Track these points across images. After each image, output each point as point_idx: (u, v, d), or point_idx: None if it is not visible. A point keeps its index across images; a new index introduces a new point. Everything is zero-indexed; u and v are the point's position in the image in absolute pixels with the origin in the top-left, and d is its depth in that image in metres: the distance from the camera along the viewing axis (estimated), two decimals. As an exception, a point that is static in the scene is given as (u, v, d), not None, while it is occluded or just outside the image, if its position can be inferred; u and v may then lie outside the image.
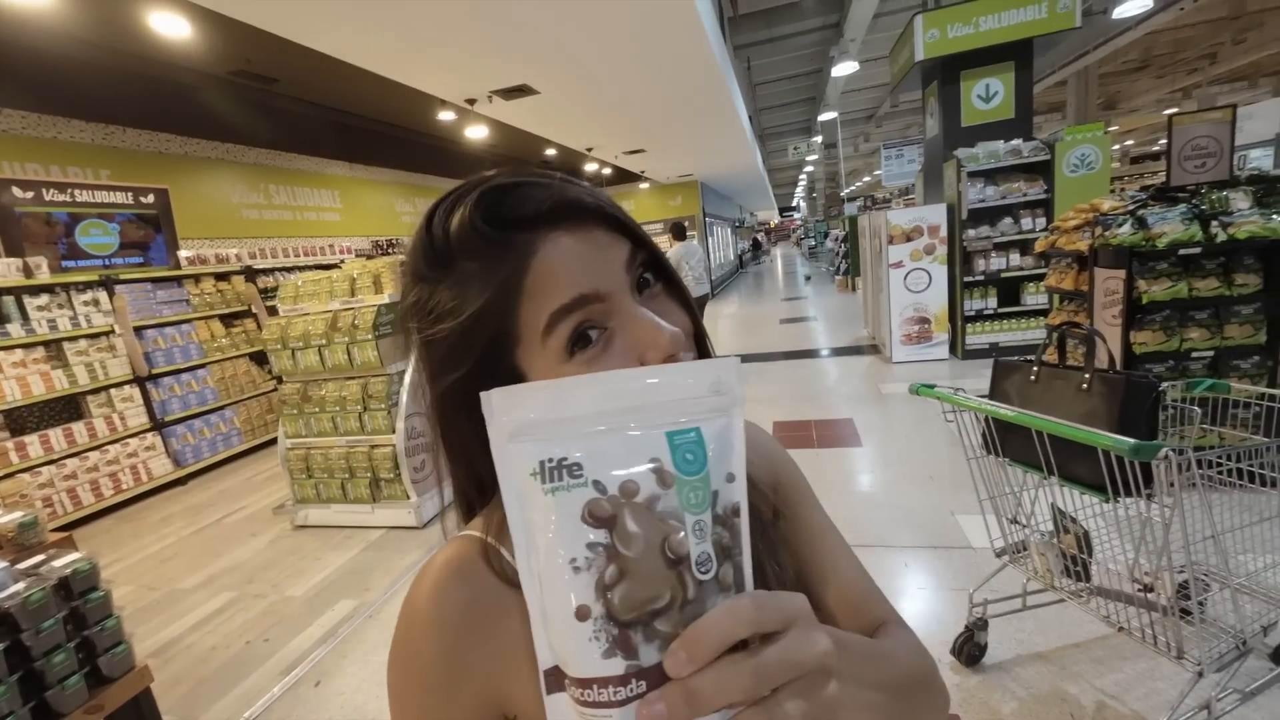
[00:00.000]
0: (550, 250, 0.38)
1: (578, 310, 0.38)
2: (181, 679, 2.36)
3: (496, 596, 0.41)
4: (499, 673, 0.40)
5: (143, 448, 4.67)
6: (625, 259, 0.40)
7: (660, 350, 0.38)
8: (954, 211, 5.27)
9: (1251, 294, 2.48)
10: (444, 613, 0.41)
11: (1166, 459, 1.12)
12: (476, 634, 0.40)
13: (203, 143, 6.06)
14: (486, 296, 0.38)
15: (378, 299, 3.42)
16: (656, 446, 0.27)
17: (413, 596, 0.42)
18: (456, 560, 0.42)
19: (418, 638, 0.41)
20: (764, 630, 0.26)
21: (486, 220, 0.38)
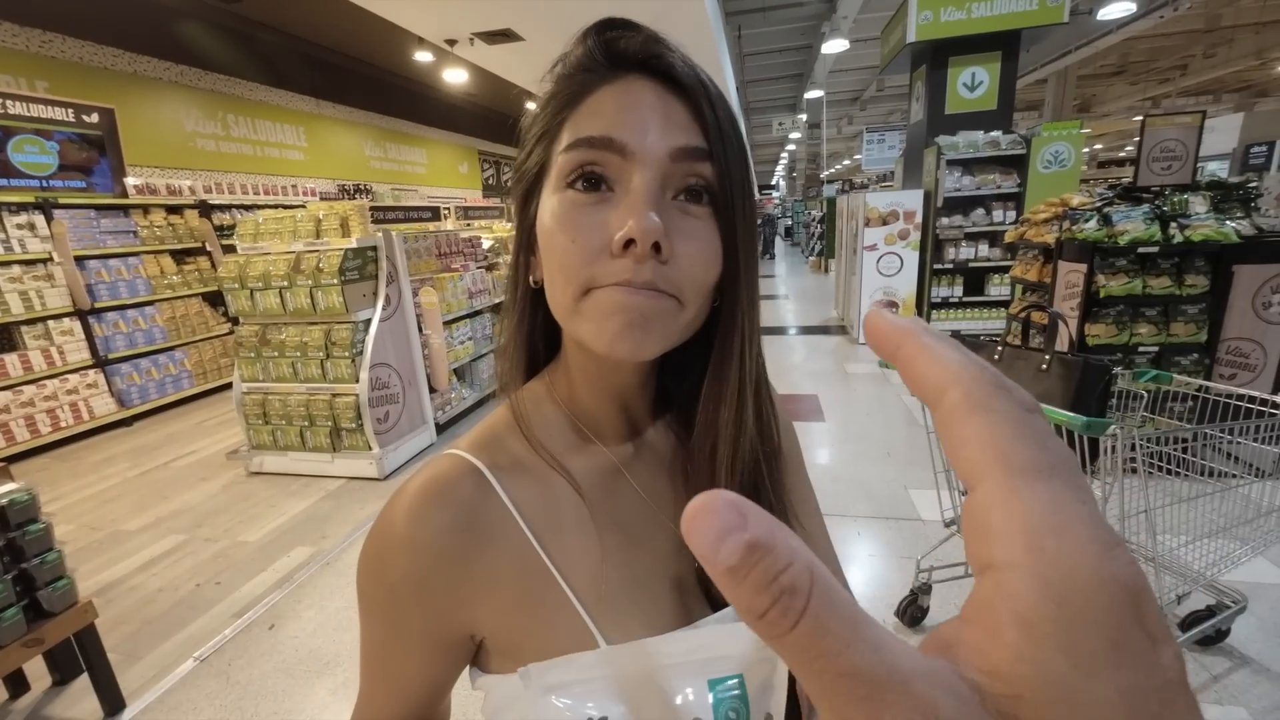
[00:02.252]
0: (618, 88, 0.38)
1: (596, 149, 0.37)
2: (126, 619, 2.30)
3: (474, 521, 0.40)
4: (469, 595, 0.40)
5: (84, 385, 4.43)
6: (678, 148, 0.36)
7: (625, 233, 0.34)
8: (930, 198, 5.36)
9: (1199, 294, 2.62)
10: (418, 535, 0.39)
11: (1114, 435, 1.18)
12: (449, 558, 0.40)
13: (154, 62, 5.61)
14: (552, 94, 0.40)
15: (344, 243, 3.29)
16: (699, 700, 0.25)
17: (389, 513, 0.41)
18: (439, 481, 0.41)
19: (391, 554, 0.40)
20: None
21: (597, 46, 0.39)
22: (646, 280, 0.35)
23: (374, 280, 3.46)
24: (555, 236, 0.37)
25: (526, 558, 0.40)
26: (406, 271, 3.67)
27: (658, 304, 0.36)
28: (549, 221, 0.38)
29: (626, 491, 0.45)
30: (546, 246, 0.38)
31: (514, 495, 0.41)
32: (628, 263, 0.35)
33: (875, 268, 5.56)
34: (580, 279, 0.36)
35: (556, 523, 0.42)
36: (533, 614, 0.40)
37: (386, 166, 9.21)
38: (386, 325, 3.46)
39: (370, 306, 3.41)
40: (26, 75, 4.63)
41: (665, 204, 0.37)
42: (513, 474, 0.42)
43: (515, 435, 0.44)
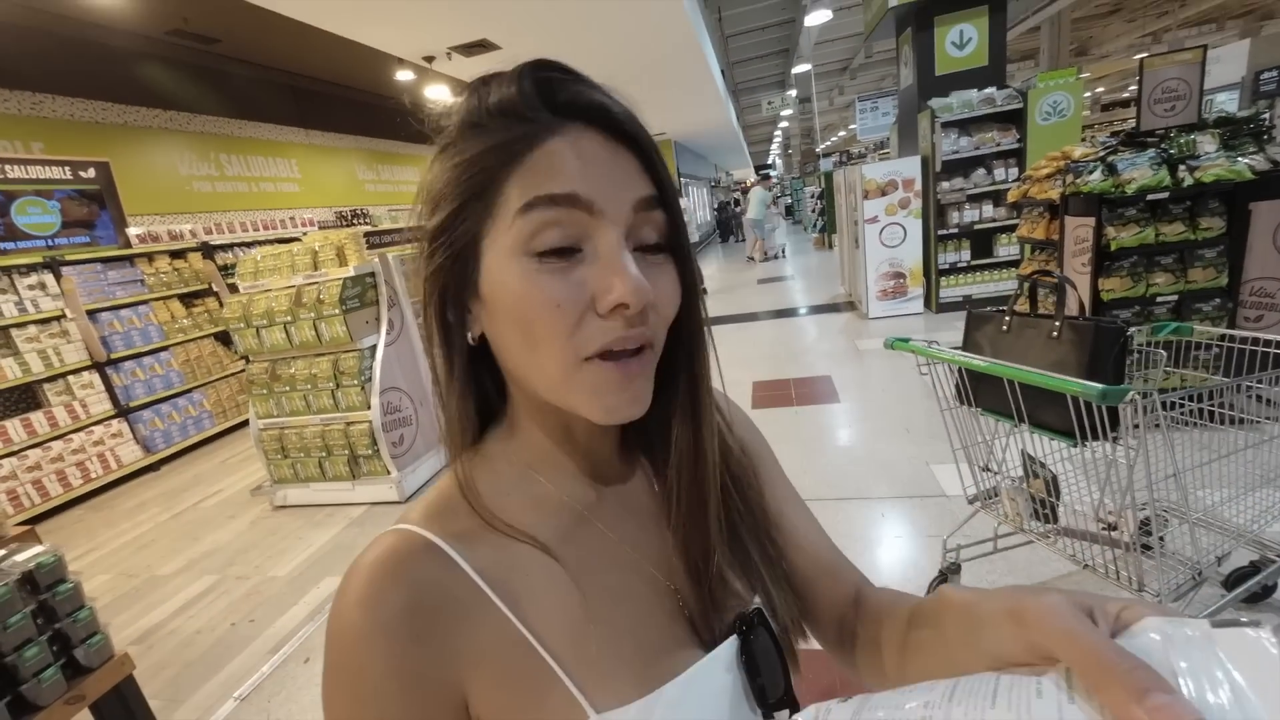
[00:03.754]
0: (572, 141, 0.35)
1: (561, 207, 0.34)
2: (166, 664, 2.35)
3: (438, 598, 0.36)
4: (451, 677, 0.36)
5: (109, 435, 4.53)
6: (639, 200, 0.36)
7: (615, 296, 0.34)
8: (928, 164, 5.24)
9: (1215, 237, 2.52)
10: (380, 619, 0.35)
11: (1133, 402, 1.13)
12: (424, 640, 0.35)
13: (143, 110, 5.68)
14: (490, 144, 0.36)
15: (342, 272, 3.30)
16: None
17: (340, 607, 0.36)
18: (388, 559, 0.37)
19: (355, 654, 0.35)
20: None
21: (534, 89, 0.35)
22: (637, 336, 0.36)
23: (375, 306, 3.48)
24: (533, 305, 0.35)
25: (502, 629, 0.37)
26: (407, 294, 3.69)
27: (642, 364, 0.38)
28: (518, 288, 0.35)
29: (597, 539, 0.43)
30: (518, 315, 0.36)
31: (477, 565, 0.38)
32: (616, 325, 0.35)
33: (879, 240, 5.47)
34: (572, 348, 0.35)
35: (528, 587, 0.39)
36: (518, 690, 0.37)
37: (381, 188, 9.26)
38: (392, 350, 3.47)
39: (374, 333, 3.43)
40: (22, 138, 4.72)
41: (633, 256, 0.36)
42: (472, 543, 0.39)
43: (464, 507, 0.42)
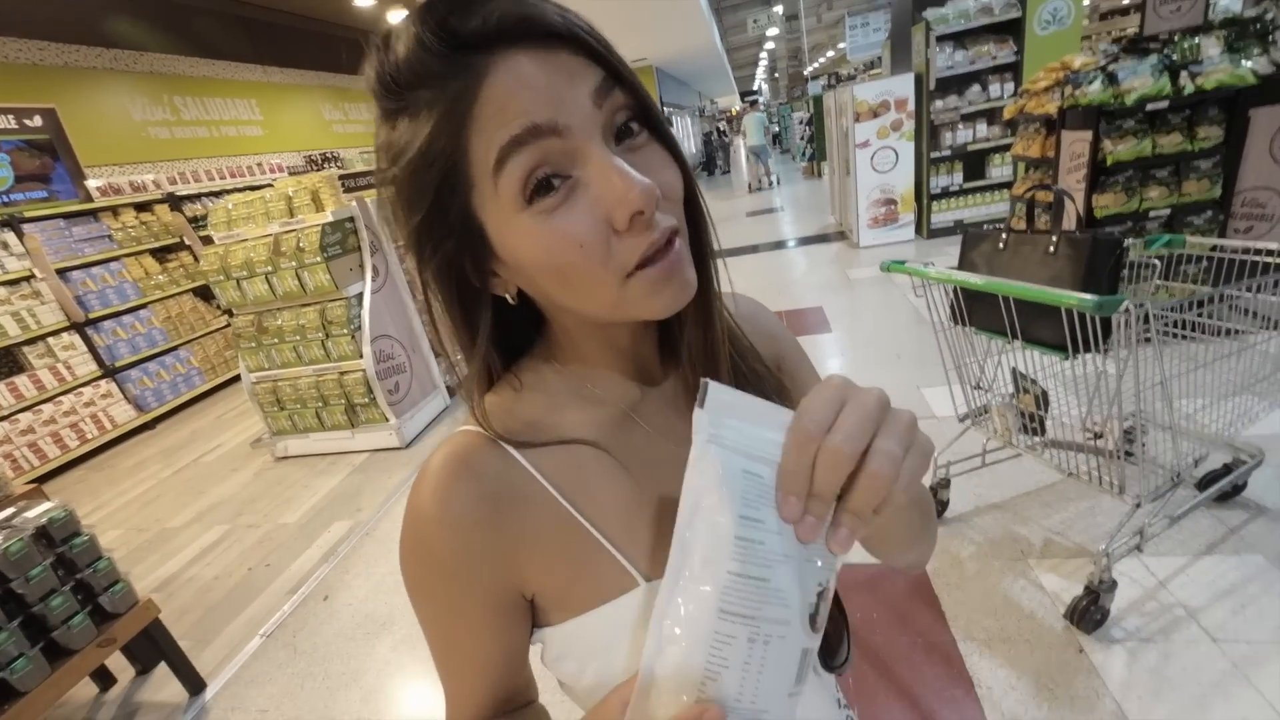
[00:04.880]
0: (504, 73, 0.32)
1: (530, 144, 0.32)
2: (189, 608, 2.44)
3: (501, 489, 0.40)
4: (513, 557, 0.40)
5: (99, 396, 4.49)
6: (594, 90, 0.33)
7: (627, 207, 0.32)
8: (922, 81, 5.04)
9: (1212, 147, 2.48)
10: (452, 509, 0.39)
11: (1127, 312, 1.15)
12: (487, 525, 0.39)
13: (84, 50, 5.26)
14: (432, 125, 0.33)
15: (320, 217, 3.18)
16: None
17: (417, 497, 0.40)
18: (458, 456, 0.41)
19: (429, 536, 0.40)
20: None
21: (435, 37, 0.32)
22: (664, 229, 0.35)
23: (358, 253, 3.38)
24: (557, 254, 0.34)
25: (558, 515, 0.41)
26: (389, 238, 3.58)
27: (680, 249, 0.37)
28: (535, 244, 0.34)
29: (643, 435, 0.45)
30: (549, 266, 0.35)
31: (533, 459, 0.42)
32: (639, 230, 0.34)
33: (870, 165, 5.33)
34: (612, 273, 0.35)
35: (581, 477, 0.42)
36: (573, 565, 0.41)
37: (350, 129, 8.80)
38: (380, 297, 3.41)
39: (359, 280, 3.36)
40: (-44, 85, 4.38)
41: (619, 154, 0.34)
42: (528, 439, 0.42)
43: (521, 405, 0.45)
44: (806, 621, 0.27)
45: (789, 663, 0.26)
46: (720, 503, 0.27)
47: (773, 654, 0.25)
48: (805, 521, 0.26)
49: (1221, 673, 1.38)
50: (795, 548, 0.27)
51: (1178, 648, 1.45)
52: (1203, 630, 1.48)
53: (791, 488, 0.26)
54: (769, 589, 0.26)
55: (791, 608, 0.26)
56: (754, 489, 0.27)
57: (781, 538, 0.26)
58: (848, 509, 0.27)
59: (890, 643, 1.62)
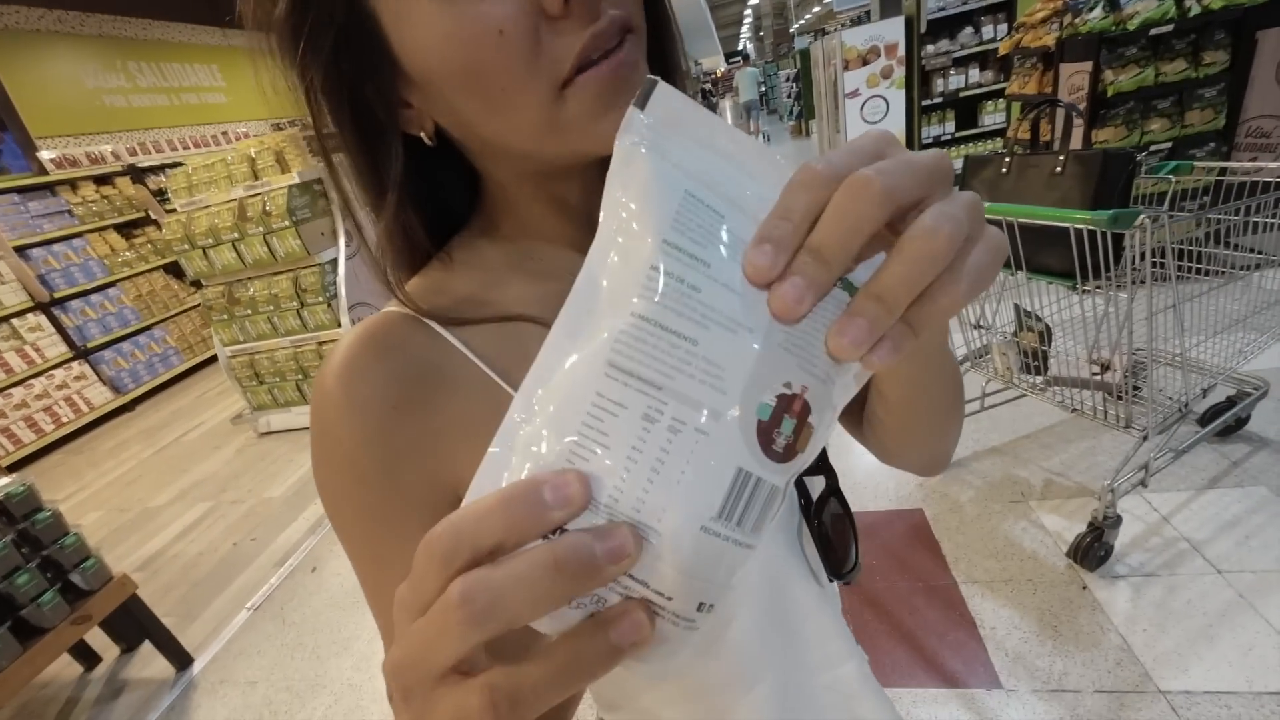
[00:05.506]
0: None
1: None
2: (174, 585, 2.37)
3: (425, 366, 0.33)
4: (442, 451, 0.33)
5: (71, 378, 4.34)
6: None
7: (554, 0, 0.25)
8: (913, 24, 4.85)
9: (1217, 74, 2.38)
10: (359, 393, 0.32)
11: (1142, 226, 1.07)
12: (404, 412, 0.32)
13: (25, 10, 4.92)
14: None
15: (286, 179, 3.02)
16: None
17: (320, 386, 0.33)
18: (371, 334, 0.34)
19: (333, 426, 0.32)
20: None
21: None
22: (610, 19, 0.27)
23: (329, 217, 3.23)
24: (470, 49, 0.26)
25: (493, 396, 0.33)
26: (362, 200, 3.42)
27: (632, 50, 0.28)
28: (442, 36, 0.27)
29: None
30: (463, 70, 0.27)
31: (464, 338, 0.34)
32: (581, 19, 0.26)
33: (860, 116, 5.17)
34: (542, 79, 0.27)
35: (521, 355, 0.34)
36: None
37: (320, 96, 8.44)
38: (355, 262, 3.27)
39: (332, 245, 3.21)
40: (-113, 51, 4.09)
41: None
42: (458, 314, 0.35)
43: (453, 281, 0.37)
44: (751, 427, 0.17)
45: (710, 476, 0.17)
46: (640, 219, 0.18)
47: (680, 450, 0.16)
48: (786, 286, 0.16)
49: (1227, 603, 1.35)
50: (759, 319, 0.17)
51: (1182, 580, 1.42)
52: (1207, 562, 1.45)
53: (771, 233, 0.16)
54: (693, 354, 0.17)
55: (728, 394, 0.17)
56: (699, 218, 0.18)
57: (736, 297, 0.17)
58: (875, 293, 0.16)
59: (891, 587, 1.59)
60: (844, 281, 0.18)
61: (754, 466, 0.17)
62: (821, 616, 0.42)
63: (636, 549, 0.16)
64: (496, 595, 0.15)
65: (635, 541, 0.16)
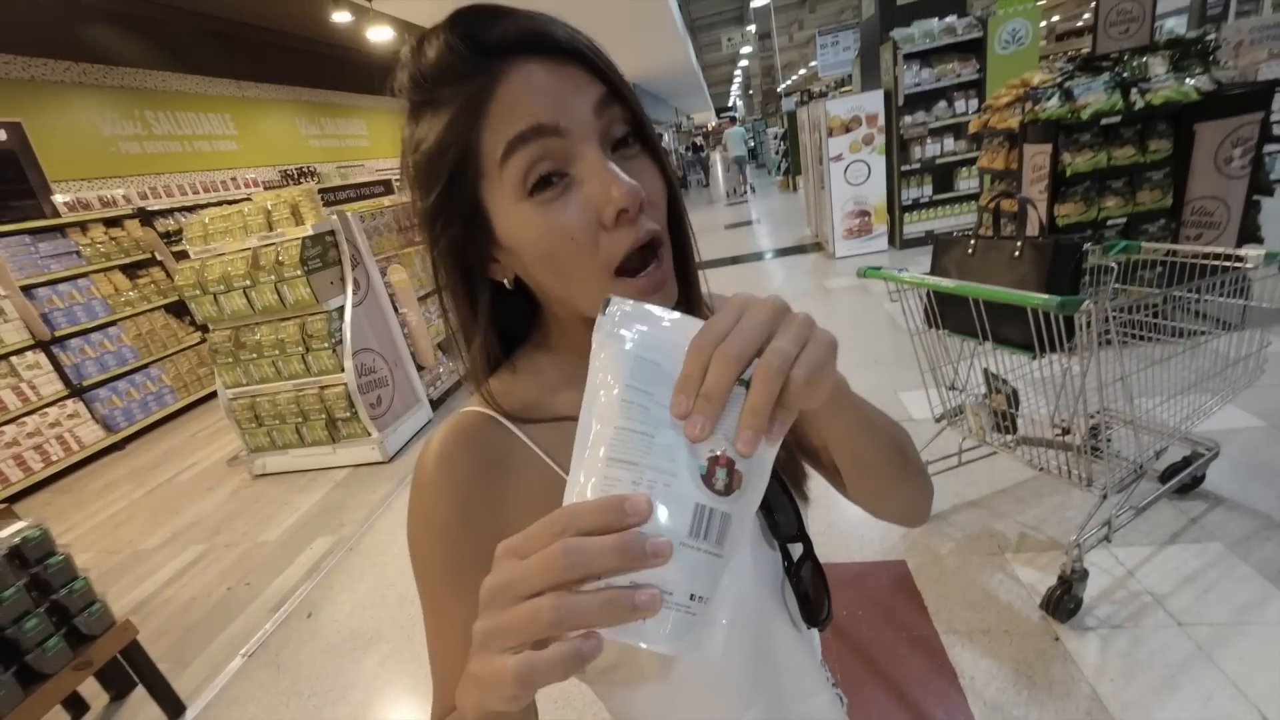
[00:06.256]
0: (518, 78, 0.37)
1: (534, 141, 0.36)
2: (166, 630, 2.37)
3: (499, 456, 0.44)
4: (507, 519, 0.43)
5: (65, 416, 4.35)
6: (596, 102, 0.38)
7: (614, 204, 0.37)
8: (891, 98, 5.23)
9: (1162, 159, 2.63)
10: (452, 474, 0.43)
11: (1087, 310, 1.22)
12: (482, 488, 0.43)
13: (52, 63, 5.17)
14: (450, 116, 0.38)
15: (300, 231, 3.17)
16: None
17: (421, 467, 0.44)
18: (461, 428, 0.45)
19: (431, 498, 0.43)
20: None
21: (462, 42, 0.37)
22: (647, 233, 0.39)
23: (338, 266, 3.37)
24: (549, 240, 0.38)
25: (550, 479, 0.44)
26: (370, 252, 3.57)
27: (664, 264, 0.41)
28: (532, 231, 0.39)
29: None
30: (540, 253, 0.39)
31: (527, 432, 0.46)
32: (624, 229, 0.38)
33: (843, 178, 5.49)
34: (602, 265, 0.39)
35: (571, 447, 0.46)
36: None
37: (326, 144, 8.74)
38: (361, 310, 3.39)
39: (340, 293, 3.34)
40: (-84, 98, 4.26)
41: (612, 160, 0.38)
42: (523, 416, 0.46)
43: (517, 387, 0.48)
44: (698, 479, 0.29)
45: (679, 511, 0.28)
46: (613, 378, 0.30)
47: (659, 497, 0.28)
48: (693, 419, 0.28)
49: (1187, 654, 1.44)
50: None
51: (1146, 632, 1.52)
52: (1169, 615, 1.55)
53: (683, 388, 0.28)
54: (653, 443, 0.29)
55: (678, 462, 0.29)
56: (646, 371, 0.30)
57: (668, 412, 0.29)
58: (746, 408, 0.28)
59: (876, 636, 1.66)
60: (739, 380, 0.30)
61: (706, 501, 0.29)
62: (800, 655, 0.52)
63: (667, 552, 0.27)
64: (583, 554, 0.25)
65: (667, 547, 0.27)
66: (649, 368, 0.30)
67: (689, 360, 0.28)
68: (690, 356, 0.28)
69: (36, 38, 5.04)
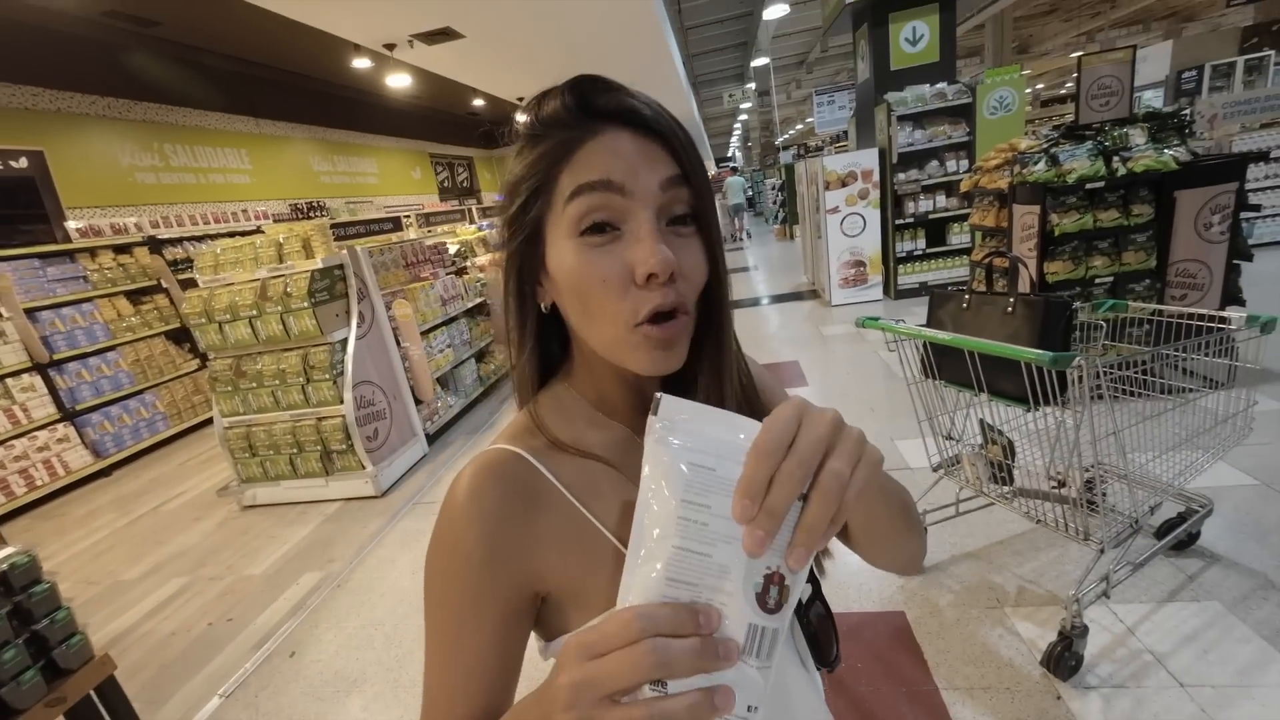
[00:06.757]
0: (607, 139, 0.43)
1: (599, 192, 0.41)
2: (143, 666, 2.29)
3: (526, 492, 0.46)
4: (531, 555, 0.45)
5: (54, 440, 4.30)
6: (665, 179, 0.43)
7: (646, 266, 0.41)
8: (885, 155, 5.45)
9: (1145, 223, 2.74)
10: (482, 505, 0.45)
11: (1079, 366, 1.26)
12: (510, 523, 0.45)
13: (79, 97, 5.36)
14: (543, 151, 0.44)
15: (309, 264, 3.23)
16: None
17: (452, 495, 0.46)
18: (490, 464, 0.47)
19: (460, 527, 0.45)
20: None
21: (574, 100, 0.43)
22: (671, 300, 0.43)
23: (345, 299, 3.42)
24: (586, 280, 0.43)
25: (574, 518, 0.47)
26: (377, 286, 3.63)
27: (679, 326, 0.44)
28: (572, 265, 0.43)
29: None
30: (576, 288, 0.44)
31: (554, 470, 0.48)
32: (654, 291, 0.42)
33: (840, 229, 5.66)
34: (623, 316, 0.43)
35: (594, 486, 0.49)
36: (587, 564, 0.46)
37: (337, 180, 8.97)
38: (364, 343, 3.42)
39: (345, 326, 3.37)
40: (-58, 125, 4.39)
41: (663, 231, 0.43)
42: (549, 456, 0.49)
43: (544, 425, 0.51)
44: (752, 598, 0.30)
45: (735, 630, 0.30)
46: (667, 490, 0.31)
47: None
48: (754, 535, 0.29)
49: (1191, 717, 1.42)
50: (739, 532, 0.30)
51: (1149, 693, 1.50)
52: (1170, 675, 1.53)
53: (747, 492, 0.30)
54: (710, 563, 0.30)
55: (734, 582, 0.30)
56: (700, 479, 0.31)
57: (726, 523, 0.30)
58: (802, 526, 0.30)
59: (876, 690, 1.63)
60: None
61: (759, 620, 0.31)
62: (810, 697, 0.53)
63: (735, 654, 0.29)
64: (669, 654, 0.28)
65: (735, 648, 0.29)
66: (703, 475, 0.31)
67: (754, 465, 0.30)
68: (755, 461, 0.30)
69: (67, 72, 5.25)
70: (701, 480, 0.31)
